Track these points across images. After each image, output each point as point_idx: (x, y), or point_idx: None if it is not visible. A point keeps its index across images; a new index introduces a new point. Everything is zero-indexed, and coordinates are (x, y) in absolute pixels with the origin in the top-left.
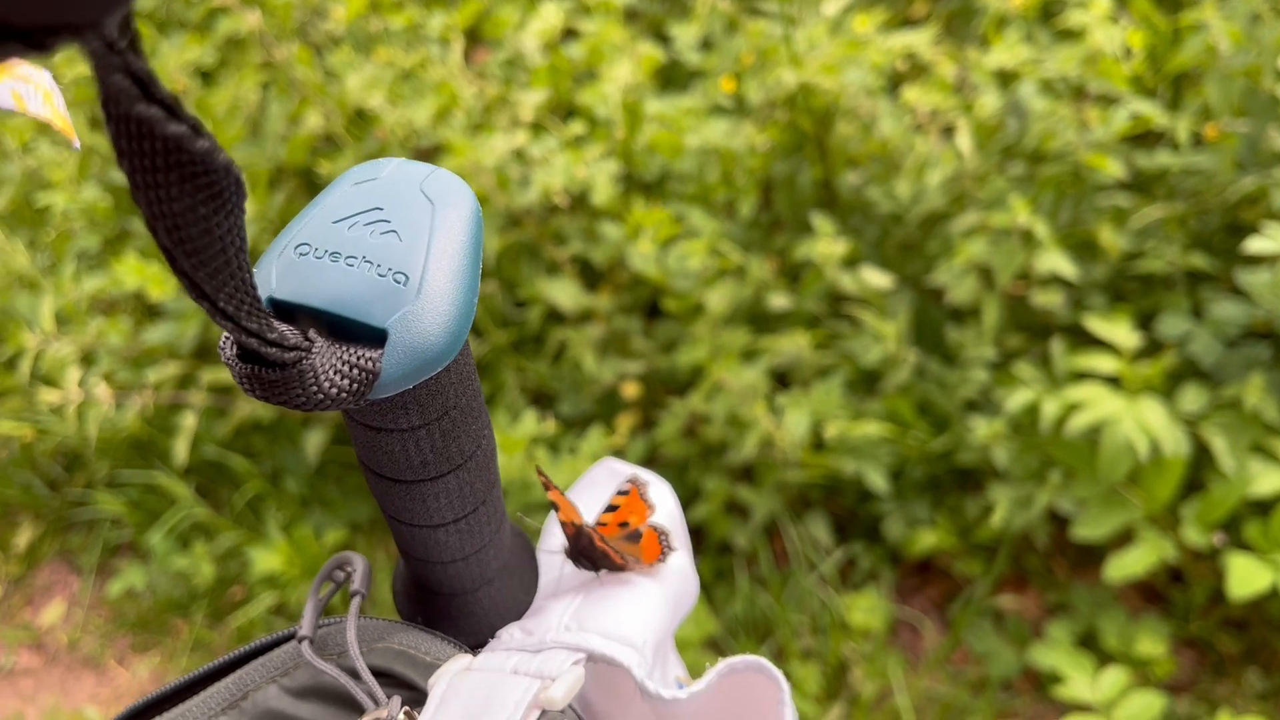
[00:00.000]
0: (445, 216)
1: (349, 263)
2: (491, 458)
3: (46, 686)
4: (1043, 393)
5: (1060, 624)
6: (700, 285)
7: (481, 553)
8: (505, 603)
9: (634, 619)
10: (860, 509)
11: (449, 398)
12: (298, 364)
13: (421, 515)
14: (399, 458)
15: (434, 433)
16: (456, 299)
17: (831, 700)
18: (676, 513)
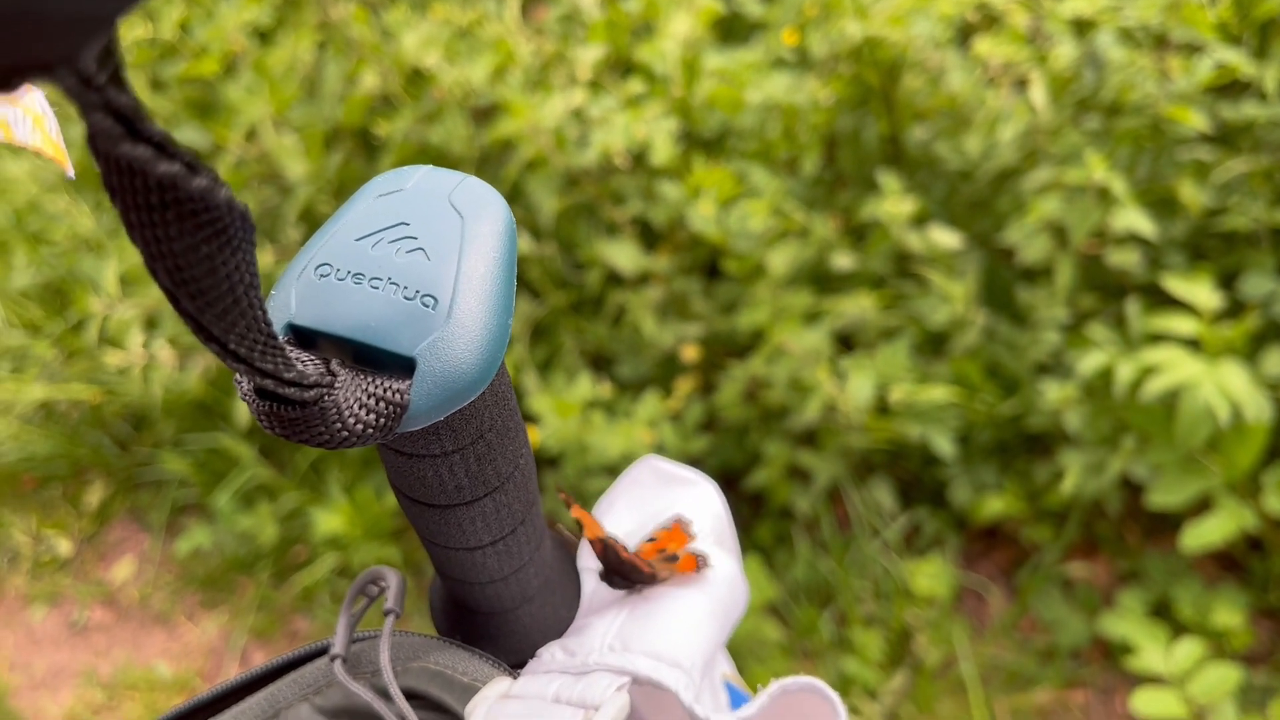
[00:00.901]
0: (476, 231)
1: (373, 284)
2: (530, 477)
3: (119, 642)
4: (1117, 355)
5: (1132, 592)
6: (762, 246)
7: (521, 572)
8: (547, 620)
9: (681, 636)
10: (925, 474)
11: (484, 421)
12: (319, 401)
13: (458, 539)
14: (432, 483)
15: (469, 457)
16: (489, 322)
17: (894, 667)
18: (724, 515)
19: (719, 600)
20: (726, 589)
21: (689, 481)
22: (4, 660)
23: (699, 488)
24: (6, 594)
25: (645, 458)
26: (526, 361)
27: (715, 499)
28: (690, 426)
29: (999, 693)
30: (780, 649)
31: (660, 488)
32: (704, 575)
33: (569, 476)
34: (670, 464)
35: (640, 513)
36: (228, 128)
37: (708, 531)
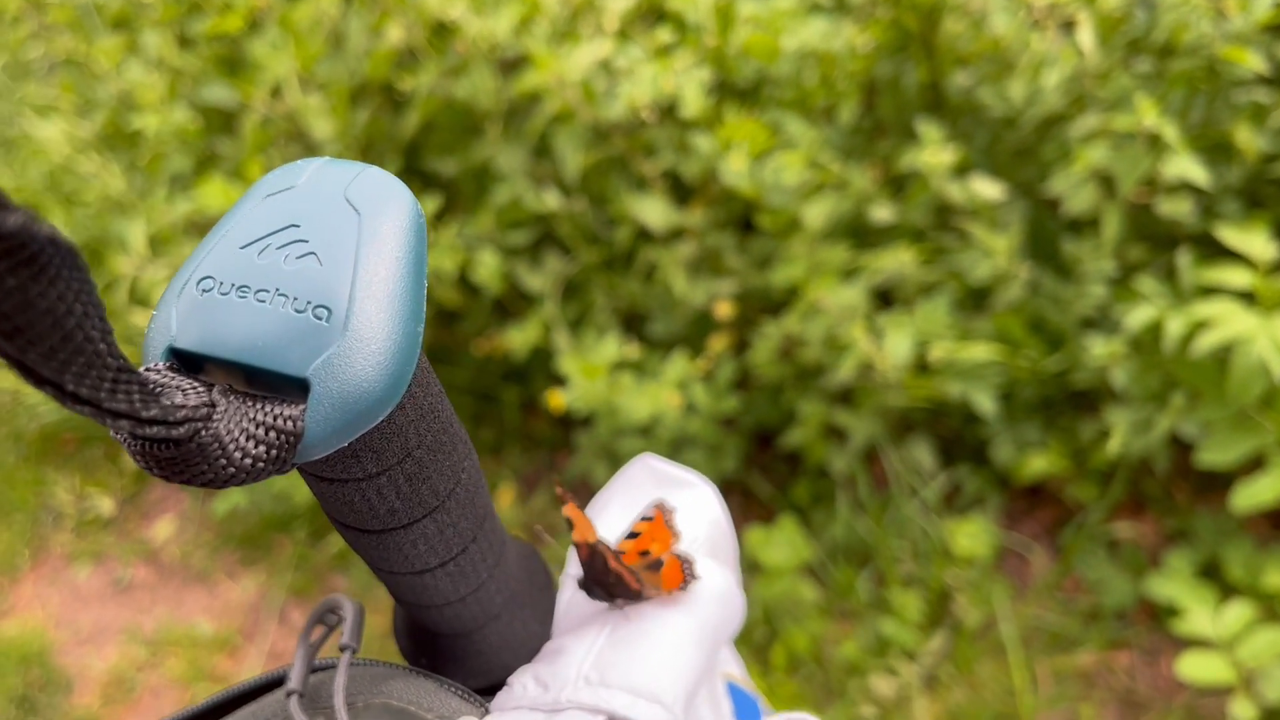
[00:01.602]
0: (375, 229)
1: (260, 298)
2: (477, 491)
3: (161, 599)
4: (1167, 309)
5: (1180, 553)
6: (797, 199)
7: (480, 591)
8: (516, 637)
9: (663, 666)
10: (966, 432)
11: (410, 439)
12: (195, 437)
13: (400, 564)
14: (360, 508)
15: (397, 478)
16: (394, 331)
17: (933, 628)
18: (723, 521)
19: (706, 622)
20: (717, 607)
21: (687, 483)
22: (50, 617)
23: (696, 490)
24: (52, 552)
25: (641, 456)
26: (558, 320)
27: (713, 503)
28: (722, 385)
29: (1040, 654)
30: (817, 609)
31: (656, 488)
32: (691, 592)
33: (601, 436)
34: (667, 464)
35: (633, 514)
36: (254, 85)
37: (702, 540)
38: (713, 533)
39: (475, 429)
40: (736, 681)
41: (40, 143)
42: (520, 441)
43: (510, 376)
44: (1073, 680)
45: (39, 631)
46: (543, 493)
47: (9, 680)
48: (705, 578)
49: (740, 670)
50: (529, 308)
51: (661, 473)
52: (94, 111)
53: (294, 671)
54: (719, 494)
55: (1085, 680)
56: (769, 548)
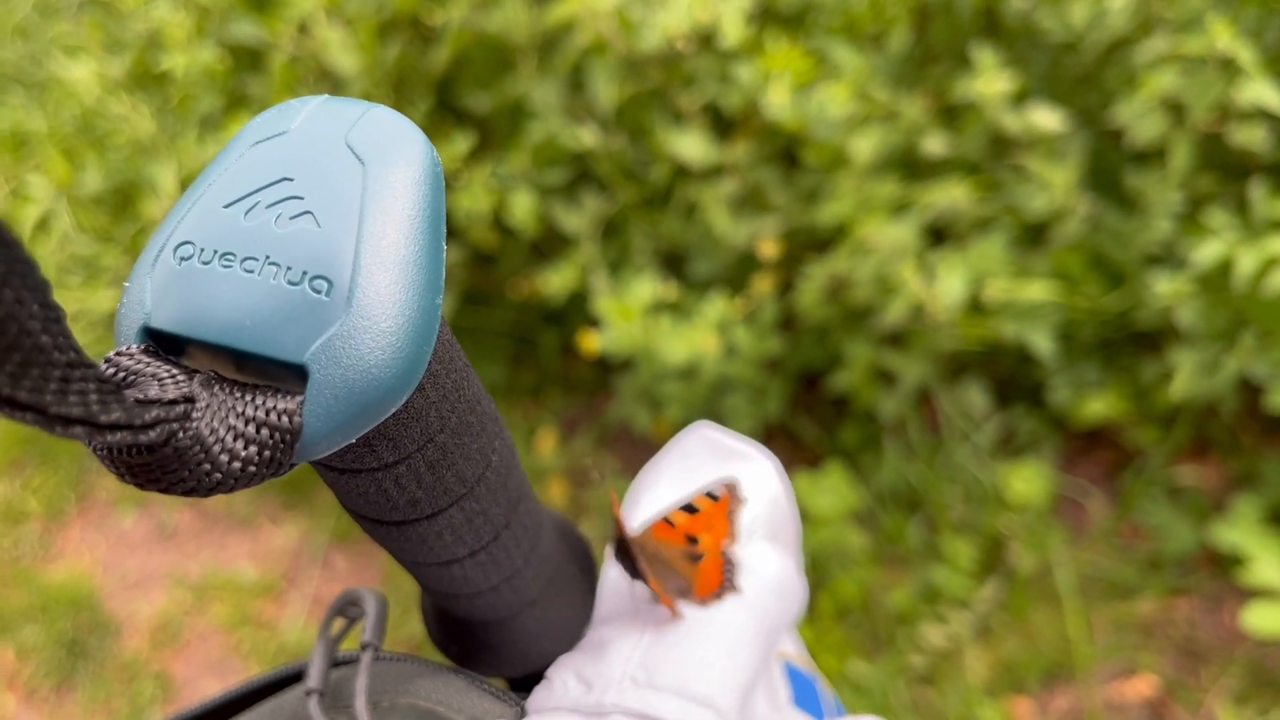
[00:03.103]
0: (384, 181)
1: (246, 268)
2: (510, 474)
3: (206, 545)
4: (1238, 244)
5: (1247, 498)
6: (844, 132)
7: (515, 579)
8: (554, 623)
9: (718, 666)
10: (1021, 373)
11: (430, 423)
12: (170, 440)
13: (425, 555)
14: (377, 500)
15: (418, 466)
16: (409, 304)
17: (986, 576)
18: (783, 499)
19: (764, 615)
20: (775, 599)
21: (745, 456)
22: (98, 562)
23: (756, 464)
24: (98, 498)
25: (698, 425)
26: (596, 261)
27: (773, 478)
28: (765, 326)
29: (1097, 602)
30: (866, 557)
31: (712, 461)
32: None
33: (641, 380)
34: (725, 434)
35: (686, 488)
36: (280, 22)
37: (761, 520)
38: (773, 513)
39: (514, 372)
40: (794, 661)
41: (70, 84)
42: (560, 385)
43: (549, 319)
44: (1130, 629)
45: (87, 576)
46: (583, 436)
47: (59, 624)
48: (763, 565)
49: (798, 649)
50: (566, 249)
51: (718, 444)
52: (122, 51)
53: (313, 668)
54: (780, 467)
55: (1143, 629)
56: (815, 495)
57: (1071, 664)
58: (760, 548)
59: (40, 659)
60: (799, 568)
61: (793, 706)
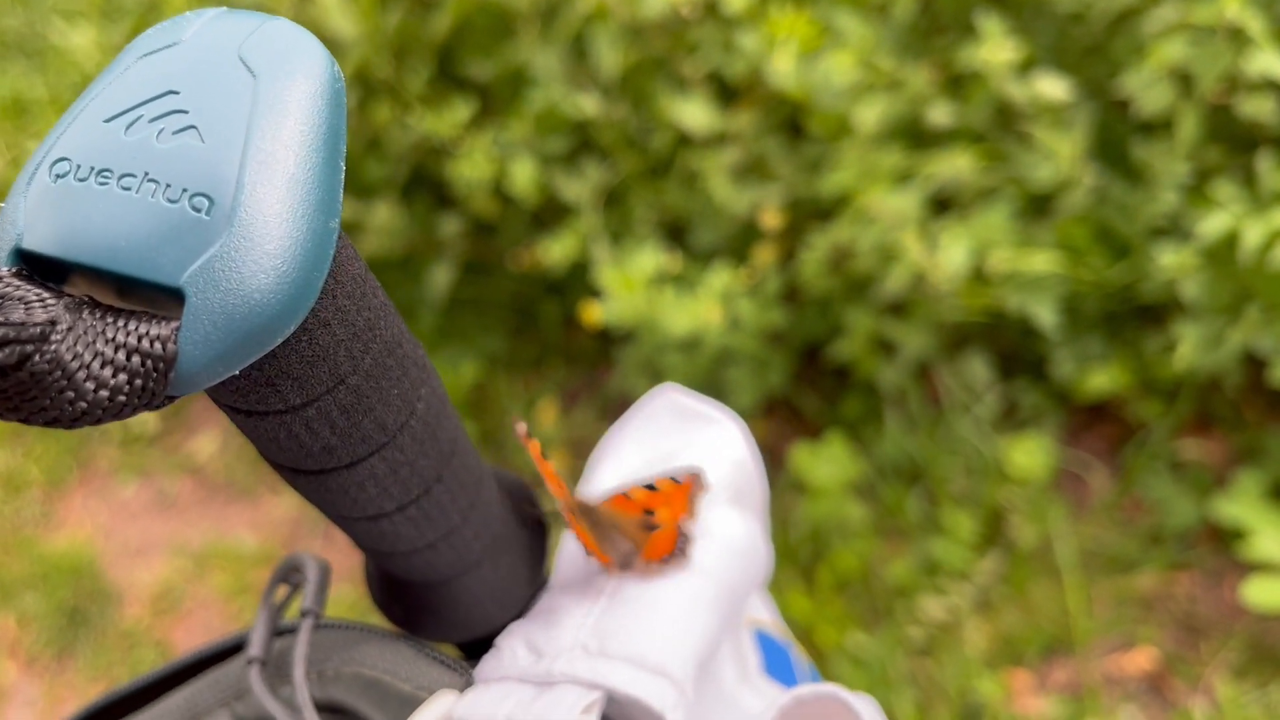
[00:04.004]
0: (276, 94)
1: (124, 185)
2: (439, 423)
3: (206, 514)
4: (1245, 216)
5: (1250, 473)
6: (848, 100)
7: (452, 536)
8: (501, 585)
9: (673, 634)
10: (1024, 346)
11: (339, 363)
12: (24, 363)
13: (347, 507)
14: (287, 445)
15: (329, 410)
16: (295, 226)
17: (986, 549)
18: (750, 462)
19: (724, 580)
20: (737, 562)
21: (710, 419)
22: (99, 530)
23: (721, 426)
24: (99, 467)
25: (662, 387)
26: (597, 231)
27: (739, 441)
28: (768, 298)
29: (1097, 576)
30: (865, 528)
31: (677, 424)
32: (679, 564)
33: (643, 352)
34: (691, 396)
35: (651, 451)
36: None
37: (724, 484)
38: (736, 475)
39: (515, 344)
40: (767, 628)
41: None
42: (561, 356)
43: (550, 290)
44: (1130, 603)
45: (87, 544)
46: (585, 407)
47: (60, 592)
48: (724, 529)
49: (771, 615)
50: (567, 218)
51: (683, 406)
52: (121, 18)
53: (254, 637)
54: (746, 430)
55: (1143, 603)
56: (815, 465)
57: (1071, 637)
58: (722, 512)
59: (41, 627)
60: (764, 532)
61: (762, 674)
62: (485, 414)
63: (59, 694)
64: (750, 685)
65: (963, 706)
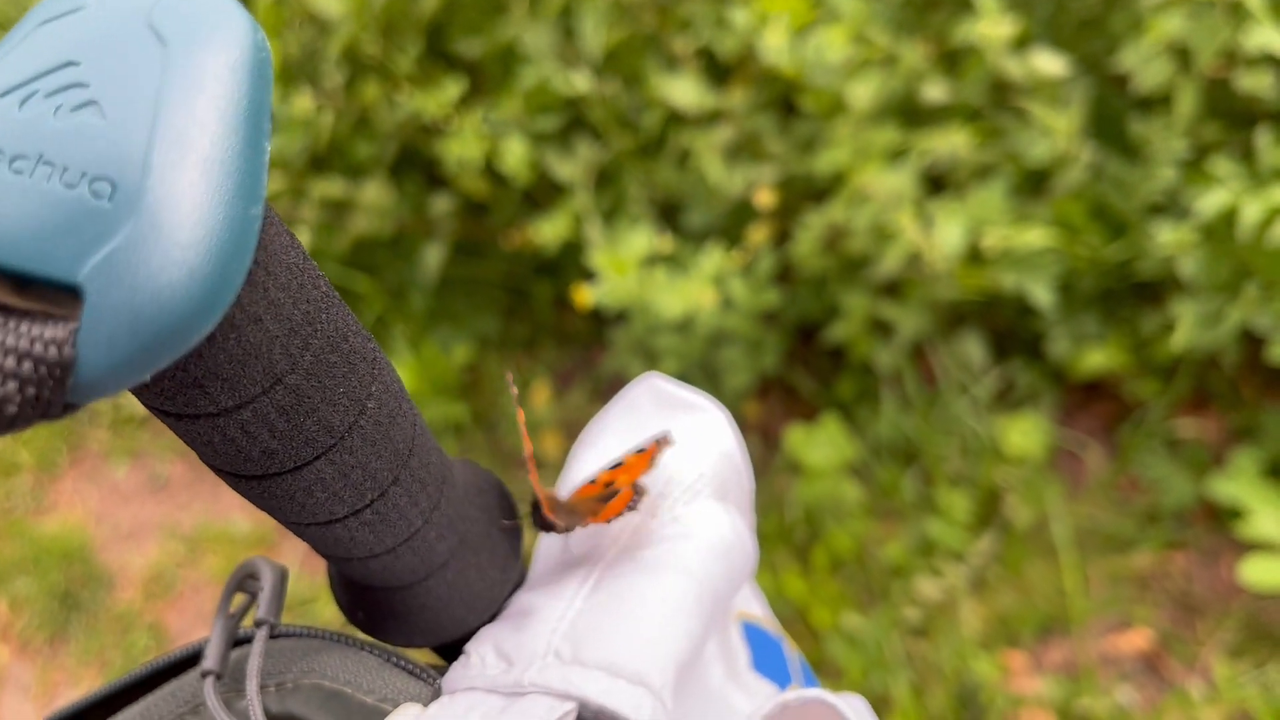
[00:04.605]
0: (188, 65)
1: (16, 169)
2: (394, 422)
3: (198, 496)
4: (1243, 192)
5: (1246, 452)
6: (842, 77)
7: (414, 540)
8: (471, 588)
9: (652, 638)
10: (1020, 325)
11: (275, 361)
12: None
13: (296, 513)
14: (225, 450)
15: (266, 412)
16: (211, 214)
17: (982, 529)
18: (736, 453)
19: (706, 579)
20: (720, 561)
21: (695, 407)
22: (90, 514)
23: (706, 415)
24: (90, 449)
25: (646, 376)
26: (590, 210)
27: (725, 431)
28: (762, 278)
29: (1093, 556)
30: (861, 509)
31: (660, 412)
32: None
33: (636, 333)
34: (675, 385)
35: (633, 441)
36: None
37: (709, 476)
38: (722, 467)
39: (508, 325)
40: (757, 622)
41: None
42: (554, 337)
43: (542, 270)
44: (1126, 583)
45: (79, 528)
46: (578, 388)
47: (52, 576)
48: (707, 527)
49: (762, 609)
50: (559, 198)
51: (667, 394)
52: None
53: (209, 649)
54: (731, 419)
55: (1139, 582)
56: (810, 447)
57: (1066, 617)
58: (705, 507)
59: (33, 611)
60: (750, 525)
61: (752, 671)
62: (477, 395)
63: (52, 678)
64: (739, 683)
65: (959, 687)
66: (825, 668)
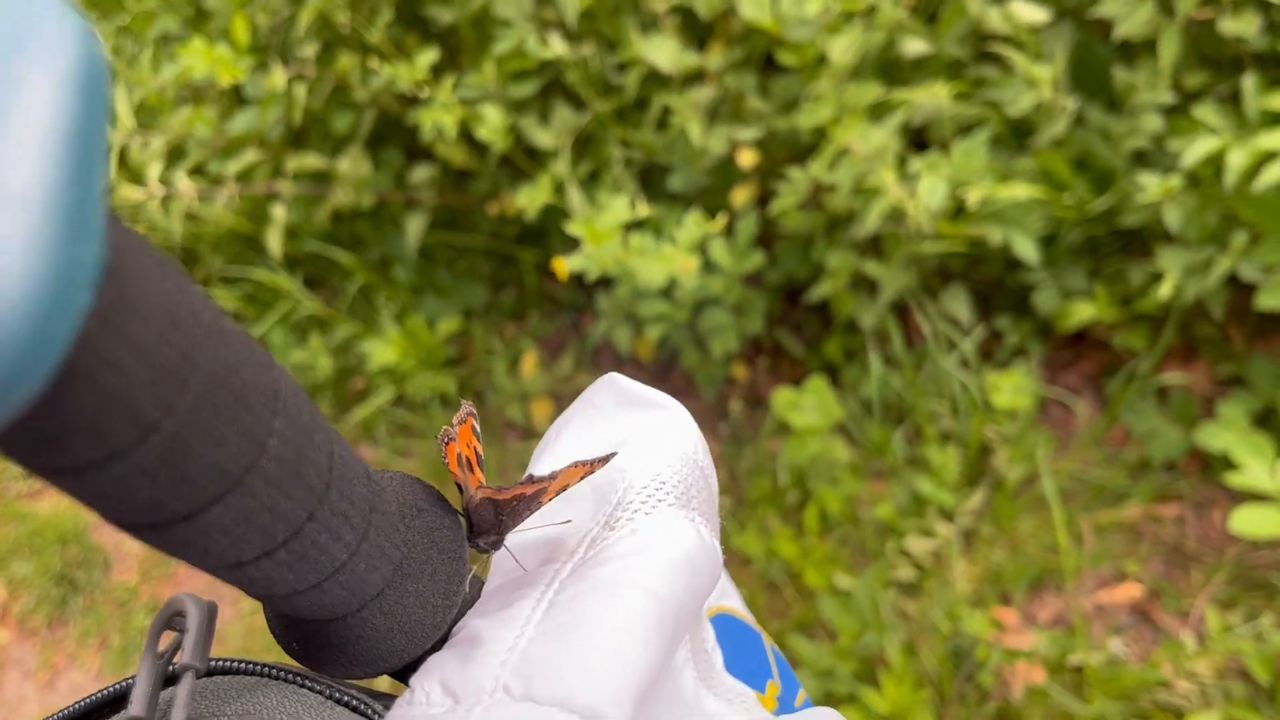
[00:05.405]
0: (9, 79)
1: None
2: (306, 454)
3: None
4: (1229, 140)
5: (1234, 401)
6: (821, 32)
7: (341, 574)
8: (411, 616)
9: (607, 667)
10: (1007, 278)
11: (143, 409)
12: None
13: (198, 559)
14: (101, 504)
15: (142, 462)
16: (30, 257)
17: (972, 487)
18: (698, 456)
19: (668, 597)
20: (682, 580)
21: (657, 404)
22: None
23: (668, 413)
24: None
25: (608, 376)
26: (570, 177)
27: (687, 430)
28: (743, 243)
29: (1085, 509)
30: (851, 470)
31: (620, 411)
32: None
33: (622, 299)
34: (635, 384)
35: (593, 442)
36: None
37: (670, 484)
38: (685, 472)
39: (494, 294)
40: (733, 613)
41: None
42: (542, 305)
43: (525, 238)
44: (1118, 535)
45: (74, 510)
46: (567, 356)
47: (48, 558)
48: (668, 541)
49: (739, 603)
50: (540, 165)
51: (629, 392)
52: None
53: (135, 694)
54: (693, 421)
55: (1131, 534)
56: (798, 411)
57: (1060, 571)
58: (666, 516)
59: (32, 593)
60: (715, 531)
61: (725, 674)
62: (465, 365)
63: (53, 659)
64: (712, 687)
65: (951, 645)
66: (818, 629)
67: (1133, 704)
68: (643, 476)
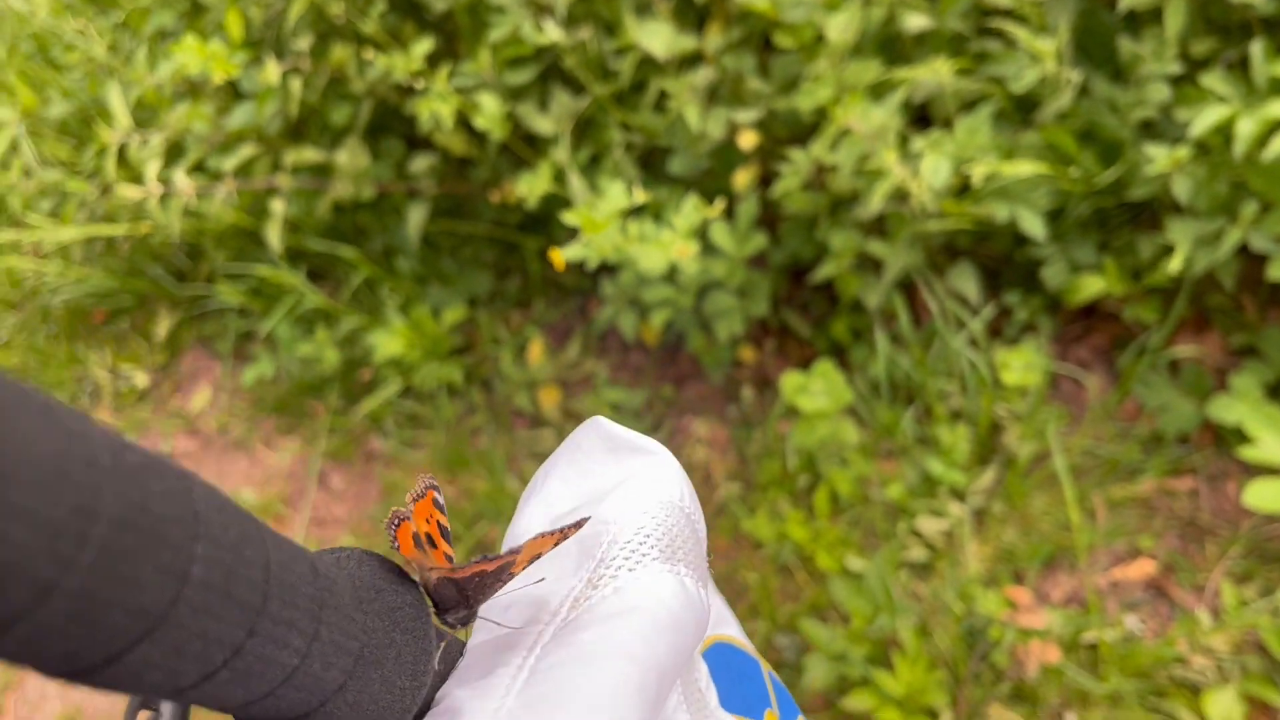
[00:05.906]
0: None
1: None
2: (236, 573)
3: (204, 469)
4: (1238, 108)
5: (1247, 372)
6: (819, 10)
7: (295, 677)
8: (377, 702)
9: None
10: (1015, 254)
11: (38, 570)
12: None
13: (133, 691)
14: (13, 660)
15: (49, 622)
16: None
17: (983, 466)
18: (686, 505)
19: (651, 660)
20: (667, 639)
21: (642, 450)
22: None
23: (654, 458)
24: None
25: (593, 419)
26: (570, 163)
27: (673, 476)
28: (744, 226)
29: (1097, 485)
30: (860, 451)
31: (607, 457)
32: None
33: (626, 285)
34: (621, 429)
35: (579, 489)
36: None
37: (655, 537)
38: (670, 522)
39: (499, 282)
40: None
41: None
42: (547, 292)
43: (528, 225)
44: (1131, 510)
45: None
46: (573, 343)
47: None
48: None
49: (738, 631)
50: (540, 151)
51: (614, 437)
52: None
53: None
54: (680, 468)
55: (1145, 509)
56: (806, 395)
57: (1073, 549)
58: (650, 573)
59: None
60: (702, 582)
61: (720, 711)
62: (471, 354)
63: None
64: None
65: (965, 625)
66: (830, 612)
67: (1149, 681)
68: (626, 530)
